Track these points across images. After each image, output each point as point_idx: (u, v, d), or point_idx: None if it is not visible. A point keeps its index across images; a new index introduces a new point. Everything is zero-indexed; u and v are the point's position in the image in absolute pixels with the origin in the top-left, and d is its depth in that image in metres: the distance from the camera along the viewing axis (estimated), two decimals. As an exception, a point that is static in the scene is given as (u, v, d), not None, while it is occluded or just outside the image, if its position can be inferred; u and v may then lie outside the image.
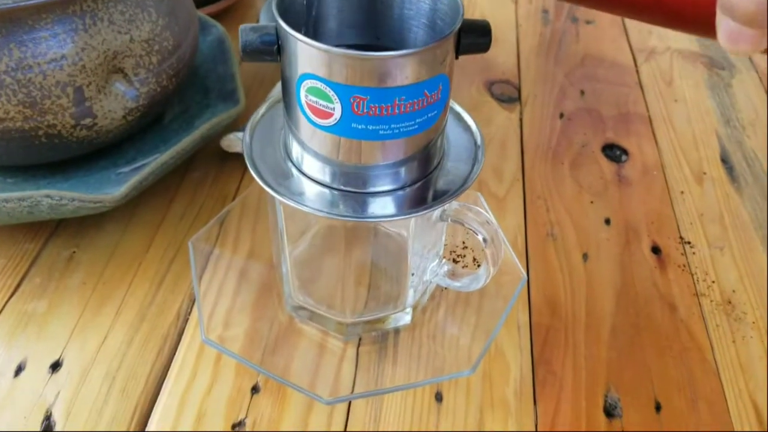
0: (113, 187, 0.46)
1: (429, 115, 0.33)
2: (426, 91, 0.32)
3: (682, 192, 0.54)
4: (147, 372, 0.41)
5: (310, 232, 0.45)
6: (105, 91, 0.44)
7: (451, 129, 0.39)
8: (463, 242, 0.48)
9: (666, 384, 0.41)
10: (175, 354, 0.42)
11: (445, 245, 0.44)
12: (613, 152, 0.58)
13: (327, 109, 0.32)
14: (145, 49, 0.45)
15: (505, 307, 0.43)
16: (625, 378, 0.42)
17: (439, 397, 0.40)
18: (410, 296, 0.42)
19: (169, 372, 0.41)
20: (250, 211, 0.50)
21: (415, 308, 0.43)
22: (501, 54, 0.69)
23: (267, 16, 0.63)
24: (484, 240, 0.37)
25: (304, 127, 0.34)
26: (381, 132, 0.33)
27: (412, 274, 0.41)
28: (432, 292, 0.45)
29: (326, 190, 0.35)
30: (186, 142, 0.48)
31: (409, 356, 0.42)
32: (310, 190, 0.35)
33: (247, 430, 0.38)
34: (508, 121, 0.60)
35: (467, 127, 0.39)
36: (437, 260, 0.42)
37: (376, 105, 0.31)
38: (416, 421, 0.39)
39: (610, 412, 0.40)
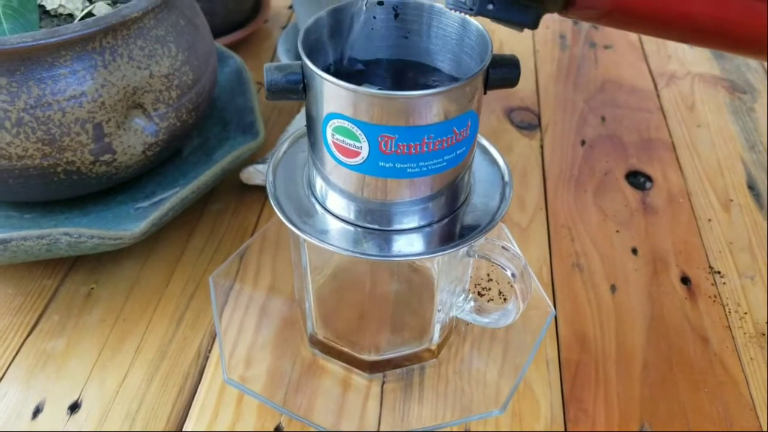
0: (132, 223, 0.45)
1: (457, 152, 0.32)
2: (455, 128, 0.31)
3: (709, 220, 0.53)
4: (168, 412, 0.40)
5: (333, 265, 0.44)
6: (124, 126, 0.44)
7: (478, 162, 0.39)
8: (488, 275, 0.47)
9: (701, 420, 0.40)
10: (196, 393, 0.41)
11: (470, 278, 0.43)
12: (637, 179, 0.57)
13: (354, 148, 0.31)
14: (164, 84, 0.45)
15: (533, 341, 0.42)
16: (659, 414, 0.40)
17: (467, 438, 0.39)
18: (436, 332, 0.41)
19: (190, 412, 0.40)
20: (269, 244, 0.49)
21: (440, 344, 0.42)
22: (519, 80, 0.68)
23: (285, 46, 0.63)
24: (513, 275, 0.36)
25: (330, 165, 0.33)
26: (409, 170, 0.32)
27: (439, 310, 0.40)
28: (457, 326, 0.44)
29: (351, 228, 0.35)
30: (206, 176, 0.47)
31: (435, 394, 0.41)
32: (335, 227, 0.35)
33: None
34: (529, 148, 0.60)
35: (494, 161, 0.39)
36: (463, 295, 0.41)
37: (405, 144, 0.31)
38: (445, 464, 0.38)
39: (644, 452, 0.39)
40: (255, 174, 0.52)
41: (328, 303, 0.43)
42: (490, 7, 0.29)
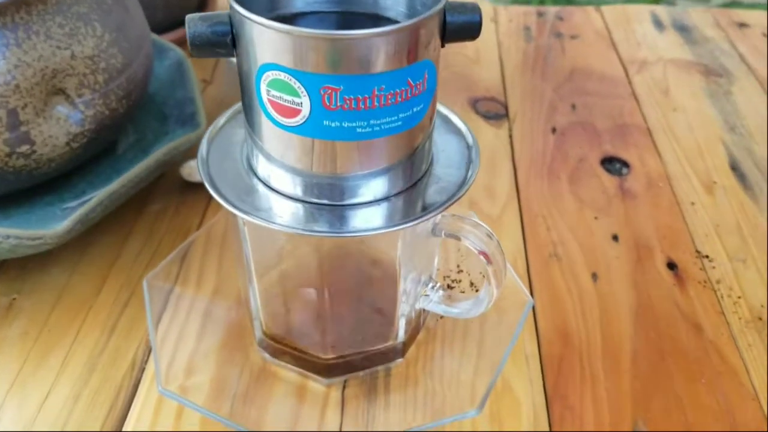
0: (57, 223, 0.40)
1: (414, 109, 0.28)
2: (410, 79, 0.27)
3: (693, 203, 0.49)
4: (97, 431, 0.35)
5: (283, 257, 0.39)
6: (44, 114, 0.39)
7: (439, 134, 0.34)
8: (458, 266, 0.42)
9: (701, 414, 0.36)
10: (130, 409, 0.36)
11: (437, 270, 0.38)
12: (613, 165, 0.53)
13: (293, 105, 0.27)
14: (89, 67, 0.40)
15: (510, 336, 0.38)
16: (653, 409, 0.36)
17: (441, 445, 0.34)
18: (401, 327, 0.36)
19: (123, 430, 0.35)
20: (215, 243, 0.44)
21: (407, 342, 0.38)
22: (484, 71, 0.64)
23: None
24: (485, 255, 0.31)
25: (268, 131, 0.29)
26: (359, 130, 0.28)
27: (403, 302, 0.35)
28: (426, 322, 0.40)
29: (298, 205, 0.30)
30: (139, 168, 0.42)
31: (403, 398, 0.36)
32: (279, 205, 0.30)
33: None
34: (497, 138, 0.56)
35: (457, 130, 0.35)
36: (430, 284, 0.36)
37: (351, 97, 0.27)
38: (416, 475, 0.33)
39: (640, 451, 0.34)
40: (197, 170, 0.47)
41: (278, 298, 0.38)
42: None
